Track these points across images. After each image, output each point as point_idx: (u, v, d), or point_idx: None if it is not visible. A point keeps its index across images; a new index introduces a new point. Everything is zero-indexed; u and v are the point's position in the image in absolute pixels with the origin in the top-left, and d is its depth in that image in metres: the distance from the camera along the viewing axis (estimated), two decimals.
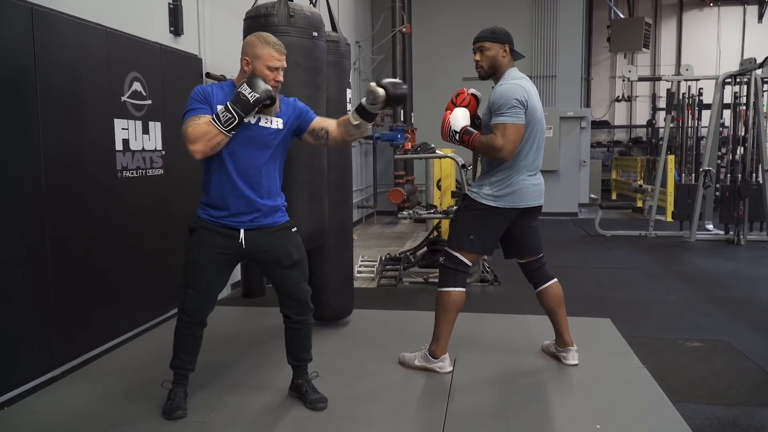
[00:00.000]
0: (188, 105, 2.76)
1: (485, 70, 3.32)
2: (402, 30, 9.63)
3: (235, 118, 2.67)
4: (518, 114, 3.12)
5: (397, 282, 5.76)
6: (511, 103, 3.11)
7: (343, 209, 4.15)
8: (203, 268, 2.86)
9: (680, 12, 16.25)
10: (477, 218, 3.28)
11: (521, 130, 3.15)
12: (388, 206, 9.76)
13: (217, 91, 2.83)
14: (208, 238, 2.85)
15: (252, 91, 2.68)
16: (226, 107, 2.67)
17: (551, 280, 3.48)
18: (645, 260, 6.92)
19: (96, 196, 3.65)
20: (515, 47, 3.34)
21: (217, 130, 2.66)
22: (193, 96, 2.78)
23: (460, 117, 3.30)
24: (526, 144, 3.23)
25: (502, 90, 3.18)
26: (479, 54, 3.32)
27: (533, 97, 3.22)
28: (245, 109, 2.68)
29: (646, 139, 15.80)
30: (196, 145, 2.66)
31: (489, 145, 3.15)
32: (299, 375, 3.15)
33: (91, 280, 3.61)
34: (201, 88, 2.85)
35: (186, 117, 2.73)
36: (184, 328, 2.92)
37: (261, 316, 4.62)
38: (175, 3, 4.60)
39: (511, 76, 3.26)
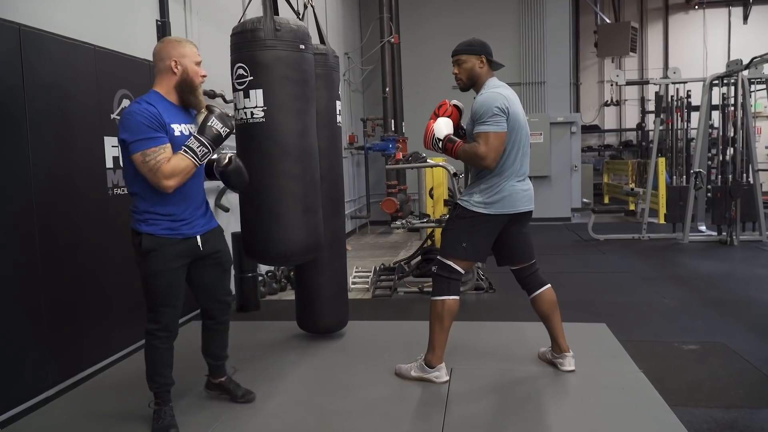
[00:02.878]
0: (141, 132, 2.60)
1: (464, 82, 3.39)
2: (390, 40, 9.68)
3: (210, 151, 2.73)
4: (500, 122, 3.16)
5: (392, 292, 5.75)
6: (492, 111, 3.15)
7: (335, 221, 4.15)
8: (174, 284, 2.84)
9: (666, 15, 16.39)
10: (468, 226, 3.29)
11: (503, 137, 3.18)
12: (382, 216, 9.77)
13: (161, 110, 2.71)
14: (169, 254, 2.78)
15: (224, 126, 2.75)
16: (199, 140, 2.69)
17: (544, 285, 3.49)
18: (639, 263, 6.93)
19: (87, 214, 3.64)
20: (495, 56, 3.38)
21: (193, 163, 2.68)
22: (143, 122, 2.61)
23: (443, 125, 3.33)
24: (512, 150, 3.25)
25: (482, 99, 3.23)
26: (457, 67, 3.39)
27: (514, 104, 3.25)
28: (217, 142, 2.74)
29: (637, 142, 15.91)
30: (171, 181, 2.64)
31: (472, 153, 3.20)
32: (220, 373, 3.24)
33: (84, 298, 3.60)
34: (146, 110, 2.66)
35: (144, 147, 2.60)
36: (162, 344, 2.87)
37: (257, 330, 4.60)
38: (163, 20, 4.61)
39: (491, 86, 3.30)
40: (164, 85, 2.79)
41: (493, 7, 11.54)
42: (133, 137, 2.60)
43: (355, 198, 10.78)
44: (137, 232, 2.77)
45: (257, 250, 3.42)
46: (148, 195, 2.73)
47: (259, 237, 3.39)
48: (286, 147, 3.36)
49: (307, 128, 3.50)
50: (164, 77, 2.79)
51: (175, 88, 2.80)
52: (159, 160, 2.60)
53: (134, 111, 2.64)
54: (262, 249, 3.41)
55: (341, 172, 4.24)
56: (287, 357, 3.91)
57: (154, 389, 2.93)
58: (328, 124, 4.03)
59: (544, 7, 11.45)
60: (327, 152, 4.02)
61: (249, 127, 3.32)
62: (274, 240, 3.37)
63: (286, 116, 3.37)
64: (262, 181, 3.25)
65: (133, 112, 2.63)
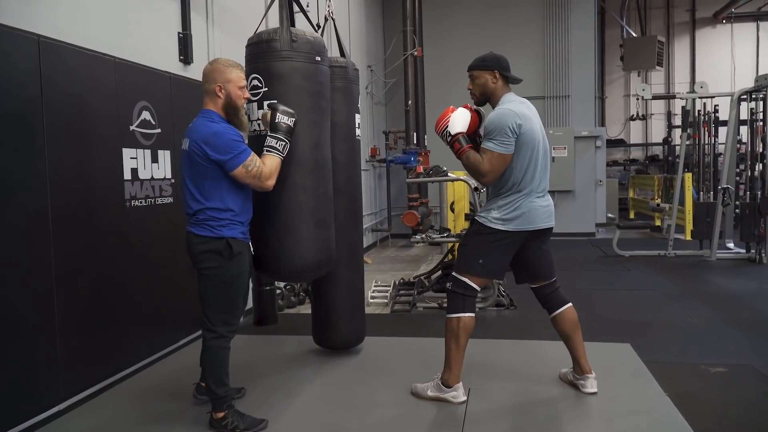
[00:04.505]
0: (235, 147, 2.90)
1: (477, 98, 3.35)
2: (414, 53, 9.67)
3: (287, 143, 3.09)
4: (506, 143, 3.11)
5: (411, 307, 5.67)
6: (502, 130, 3.10)
7: (353, 234, 4.09)
8: (247, 288, 3.13)
9: (693, 30, 16.19)
10: (486, 242, 3.21)
11: (507, 159, 3.14)
12: (403, 229, 9.73)
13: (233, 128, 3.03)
14: (248, 258, 3.08)
15: (290, 117, 3.10)
16: (275, 137, 3.05)
17: (566, 304, 3.39)
18: (665, 281, 6.77)
19: (104, 226, 3.62)
20: (517, 71, 3.34)
21: (280, 158, 3.06)
22: (233, 138, 2.93)
23: (460, 120, 3.27)
24: (529, 166, 3.18)
25: (494, 116, 3.18)
26: (471, 82, 3.35)
27: (528, 120, 3.17)
28: (289, 134, 3.10)
29: (663, 157, 15.67)
30: (272, 180, 3.01)
31: (475, 166, 3.17)
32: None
33: (99, 310, 3.57)
34: (229, 128, 2.99)
35: (242, 158, 2.90)
36: (227, 345, 3.05)
37: (273, 345, 4.55)
38: (184, 32, 4.62)
39: (505, 101, 3.24)
40: (213, 105, 3.04)
41: (517, 21, 11.47)
42: (230, 154, 2.88)
43: (376, 211, 10.73)
44: (218, 238, 2.95)
45: (268, 265, 3.35)
46: (227, 203, 2.97)
47: (269, 251, 3.32)
48: (299, 159, 3.30)
49: (322, 140, 3.46)
50: (212, 98, 3.04)
51: (222, 109, 3.04)
52: (258, 167, 2.94)
53: (220, 131, 2.92)
54: (273, 264, 3.34)
55: (360, 185, 4.19)
56: (302, 373, 3.85)
57: (222, 394, 3.02)
58: (347, 137, 3.99)
59: (569, 21, 11.35)
60: (345, 165, 3.98)
61: (262, 139, 3.27)
62: (285, 255, 3.31)
63: (300, 128, 3.31)
64: (273, 193, 3.20)
65: (220, 132, 2.91)
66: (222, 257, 2.95)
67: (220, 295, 3.00)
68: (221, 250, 2.95)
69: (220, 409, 3.03)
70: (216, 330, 3.01)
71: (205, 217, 2.98)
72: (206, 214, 2.98)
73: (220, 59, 3.12)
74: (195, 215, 3.01)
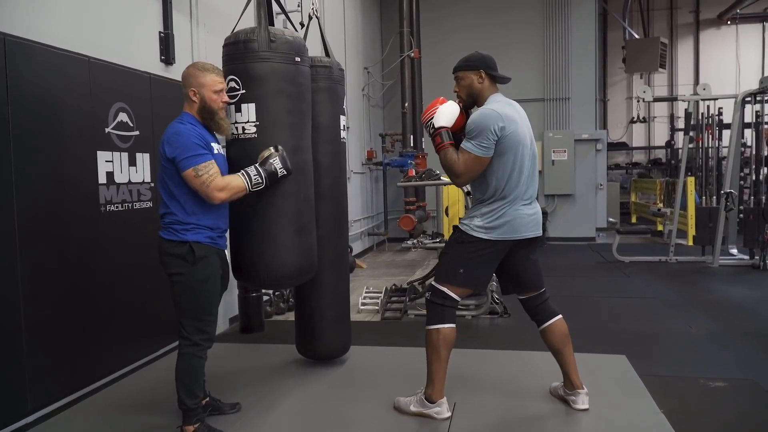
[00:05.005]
0: (191, 149, 2.79)
1: (464, 100, 3.20)
2: (410, 55, 9.52)
3: (262, 184, 2.96)
4: (485, 146, 2.96)
5: (402, 315, 5.51)
6: (482, 131, 2.96)
7: (338, 241, 3.94)
8: (217, 293, 2.98)
9: (697, 31, 15.98)
10: (467, 251, 3.05)
11: (484, 163, 3.00)
12: (400, 233, 9.57)
13: (201, 133, 2.91)
14: (215, 264, 2.93)
15: (283, 167, 3.01)
16: (257, 171, 2.95)
17: (555, 316, 3.22)
18: (665, 288, 6.60)
19: (76, 232, 3.48)
20: (514, 72, 3.21)
21: (245, 187, 2.91)
22: (192, 140, 2.81)
23: (447, 113, 3.12)
24: (513, 172, 3.02)
25: (476, 116, 3.04)
26: (456, 84, 3.21)
27: (512, 122, 3.01)
28: (271, 179, 2.99)
29: (666, 160, 15.48)
30: (222, 193, 2.83)
31: (450, 165, 3.05)
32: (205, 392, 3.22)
33: (71, 320, 3.43)
34: (192, 129, 2.87)
35: (195, 162, 2.78)
36: (204, 356, 2.94)
37: (257, 354, 4.40)
38: (166, 32, 4.47)
39: (491, 101, 3.09)
40: (189, 108, 2.97)
41: (516, 23, 11.30)
42: (184, 154, 2.77)
43: (372, 214, 10.58)
44: (181, 242, 2.85)
45: (246, 272, 3.21)
46: (191, 207, 2.87)
47: (248, 258, 3.18)
48: None
49: (302, 144, 3.31)
50: (188, 102, 2.97)
51: (198, 113, 2.95)
52: (211, 174, 2.80)
53: (182, 131, 2.83)
54: (251, 271, 3.20)
55: (345, 189, 4.04)
56: (282, 385, 3.70)
57: (193, 405, 2.90)
58: (331, 140, 3.84)
59: (570, 22, 11.17)
60: (330, 169, 3.83)
61: (240, 143, 3.14)
62: (264, 262, 3.16)
63: (279, 132, 3.18)
64: (252, 199, 3.06)
65: (182, 131, 2.82)
66: (186, 262, 2.86)
67: (188, 302, 2.90)
68: (184, 255, 2.85)
69: (190, 422, 2.90)
70: (190, 338, 2.90)
71: (170, 220, 2.91)
72: (171, 218, 2.90)
73: (198, 63, 3.05)
74: (162, 218, 2.94)
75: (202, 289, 2.89)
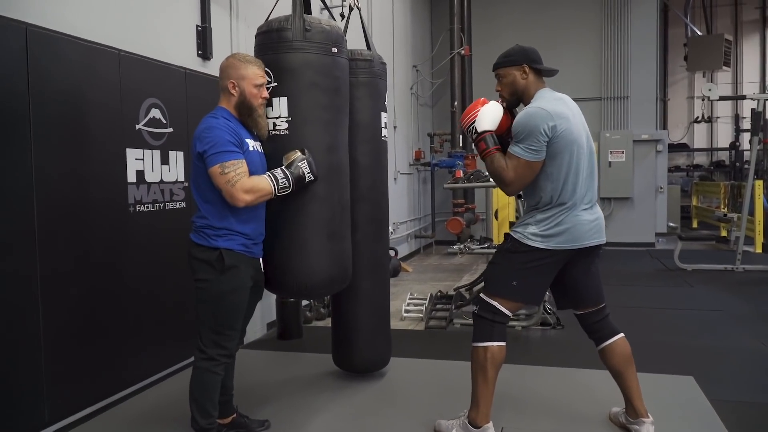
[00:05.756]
0: (222, 145, 2.58)
1: (507, 99, 2.89)
2: (461, 52, 9.21)
3: (289, 188, 2.74)
4: (535, 149, 2.65)
5: (448, 324, 5.22)
6: (531, 133, 2.65)
7: (377, 245, 3.69)
8: (243, 307, 2.76)
9: (763, 27, 15.21)
10: (521, 262, 2.74)
11: (536, 168, 2.68)
12: (448, 236, 9.26)
13: (235, 129, 2.70)
14: (245, 274, 2.71)
15: (310, 171, 2.80)
16: (285, 174, 2.73)
17: (616, 335, 2.88)
18: (732, 300, 6.10)
19: (101, 233, 3.31)
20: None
21: (271, 190, 2.68)
22: (224, 135, 2.60)
23: (490, 116, 2.81)
24: (569, 174, 2.70)
25: (522, 116, 2.72)
26: (498, 83, 2.90)
27: (565, 120, 2.68)
28: (298, 183, 2.77)
29: (729, 162, 14.73)
30: (248, 196, 2.60)
31: (498, 173, 2.75)
32: (230, 409, 3.01)
33: (95, 326, 3.26)
34: (225, 125, 2.66)
35: (223, 159, 2.57)
36: (221, 372, 2.73)
37: (293, 363, 4.18)
38: (203, 25, 4.30)
39: (538, 98, 2.78)
40: (227, 102, 2.77)
41: (572, 19, 10.83)
42: (213, 150, 2.57)
43: (420, 216, 10.30)
44: (211, 248, 2.65)
45: (274, 280, 2.95)
46: (225, 211, 2.66)
47: (276, 265, 2.93)
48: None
49: (337, 142, 3.06)
50: (225, 96, 2.77)
51: (235, 108, 2.75)
52: (239, 173, 2.58)
53: (214, 125, 2.63)
54: (280, 279, 2.94)
55: (386, 190, 3.78)
56: (316, 400, 3.46)
57: (206, 426, 2.70)
58: (371, 138, 3.59)
59: (630, 19, 10.65)
60: (370, 169, 3.59)
61: (270, 140, 2.90)
62: (293, 270, 2.92)
63: (312, 128, 2.95)
64: (282, 202, 2.83)
65: (213, 126, 2.62)
66: (213, 269, 2.64)
67: (211, 312, 2.69)
68: (213, 261, 2.64)
69: None
70: (206, 351, 2.69)
71: (202, 224, 2.71)
72: (203, 221, 2.71)
73: (238, 54, 2.82)
74: (194, 221, 2.74)
75: (227, 301, 2.67)
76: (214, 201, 2.66)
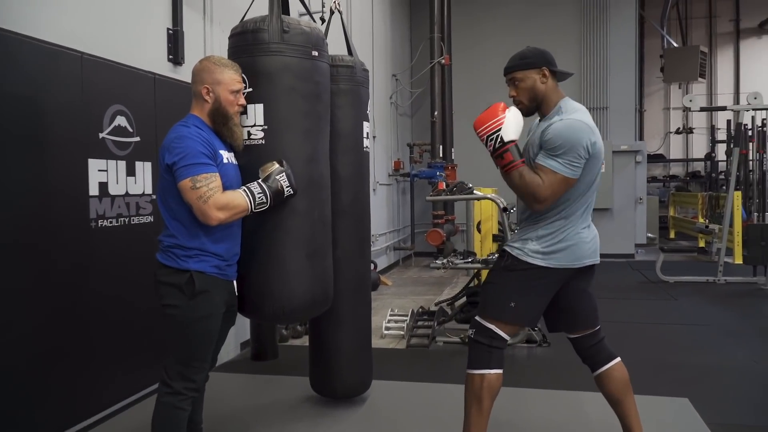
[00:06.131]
0: (193, 157, 2.34)
1: (526, 105, 2.64)
2: (441, 61, 9.05)
3: (266, 204, 2.52)
4: (576, 166, 2.45)
5: (430, 341, 5.02)
6: (573, 148, 2.43)
7: (359, 262, 3.48)
8: (214, 336, 2.51)
9: (737, 40, 15.36)
10: (520, 280, 2.55)
11: (572, 184, 2.48)
12: (427, 248, 9.07)
13: (208, 138, 2.45)
14: (217, 299, 2.47)
15: (289, 186, 2.58)
16: (261, 188, 2.50)
17: (613, 359, 2.69)
18: (719, 313, 6.00)
19: (58, 250, 3.04)
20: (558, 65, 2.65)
21: (247, 207, 2.45)
22: (196, 146, 2.37)
23: (516, 125, 2.52)
24: (587, 192, 2.55)
25: (564, 128, 2.47)
26: (513, 88, 2.65)
27: (599, 137, 2.53)
28: (276, 198, 2.55)
29: (705, 173, 14.80)
30: (222, 213, 2.36)
31: (532, 190, 2.46)
32: None
33: (55, 351, 3.00)
34: (198, 134, 2.42)
35: (194, 172, 2.33)
36: (188, 407, 2.45)
37: (267, 387, 3.94)
38: (175, 28, 4.07)
39: (570, 109, 2.57)
40: (199, 109, 2.53)
41: (552, 29, 10.77)
42: (183, 162, 2.34)
43: (399, 228, 10.10)
44: (180, 270, 2.40)
45: (249, 303, 2.71)
46: (196, 229, 2.42)
47: (252, 288, 2.69)
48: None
49: (318, 153, 2.85)
50: (198, 102, 2.54)
51: (209, 116, 2.52)
52: (211, 188, 2.35)
53: (185, 135, 2.39)
54: (256, 303, 2.70)
55: (368, 204, 3.57)
56: (293, 430, 3.23)
57: None
58: (353, 148, 3.39)
59: (608, 29, 10.64)
60: (350, 181, 3.37)
61: (244, 151, 2.68)
62: (271, 292, 2.68)
63: (291, 138, 2.73)
64: (258, 218, 2.60)
65: (184, 135, 2.39)
66: (183, 294, 2.39)
67: (178, 341, 2.44)
68: (182, 285, 2.39)
69: None
70: (171, 385, 2.42)
71: (170, 243, 2.45)
72: (171, 240, 2.45)
73: (213, 57, 2.58)
74: (162, 240, 2.48)
75: (197, 329, 2.42)
76: (184, 218, 2.42)
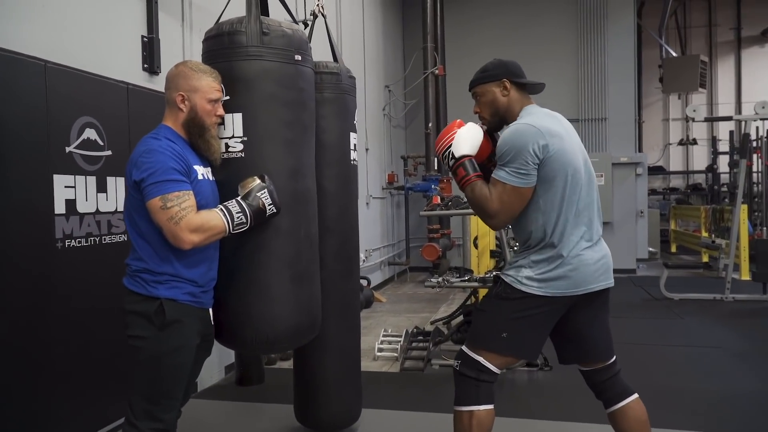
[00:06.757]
0: (164, 173, 2.12)
1: (489, 120, 2.49)
2: (435, 72, 8.85)
3: (246, 224, 2.27)
4: (524, 173, 2.26)
5: (425, 364, 4.75)
6: (518, 153, 2.26)
7: (346, 283, 3.23)
8: (186, 370, 2.27)
9: (738, 49, 15.19)
10: (513, 310, 2.30)
11: (525, 195, 2.28)
12: (423, 262, 8.85)
13: (182, 152, 2.23)
14: (190, 330, 2.24)
15: (271, 204, 2.33)
16: (240, 206, 2.25)
17: (630, 396, 2.44)
18: (728, 334, 5.72)
19: (20, 273, 2.79)
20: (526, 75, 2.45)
21: (224, 228, 2.21)
22: (167, 162, 2.15)
23: (469, 139, 2.38)
24: (564, 204, 2.30)
25: (507, 135, 2.33)
26: (477, 104, 2.51)
27: (558, 138, 2.31)
28: (257, 217, 2.30)
29: (707, 185, 14.59)
30: (195, 236, 2.13)
31: (480, 204, 2.32)
32: None
33: (16, 381, 2.74)
34: (169, 147, 2.20)
35: (165, 190, 2.11)
36: None
37: (253, 416, 3.70)
38: (150, 36, 3.83)
39: (527, 114, 2.40)
40: (172, 119, 2.33)
41: (548, 38, 10.57)
42: (153, 178, 2.12)
43: (393, 242, 9.85)
44: (150, 297, 2.18)
45: (228, 332, 2.45)
46: (167, 252, 2.19)
47: (231, 315, 2.43)
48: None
49: (302, 166, 2.60)
50: (172, 111, 2.33)
51: (183, 126, 2.32)
52: (184, 208, 2.12)
53: (155, 148, 2.17)
54: (236, 331, 2.44)
55: (356, 221, 3.33)
56: None
57: None
58: (339, 161, 3.14)
59: (606, 38, 10.42)
60: (337, 196, 3.13)
61: (222, 165, 2.43)
62: (253, 319, 2.41)
63: (273, 150, 2.48)
64: (238, 239, 2.35)
65: (154, 149, 2.17)
66: (151, 324, 2.16)
67: (145, 376, 2.20)
68: (151, 315, 2.16)
69: None
70: (137, 425, 2.17)
71: (138, 267, 2.22)
72: (140, 264, 2.22)
73: (190, 62, 2.38)
74: (129, 264, 2.24)
75: (166, 363, 2.18)
76: (154, 240, 2.20)
